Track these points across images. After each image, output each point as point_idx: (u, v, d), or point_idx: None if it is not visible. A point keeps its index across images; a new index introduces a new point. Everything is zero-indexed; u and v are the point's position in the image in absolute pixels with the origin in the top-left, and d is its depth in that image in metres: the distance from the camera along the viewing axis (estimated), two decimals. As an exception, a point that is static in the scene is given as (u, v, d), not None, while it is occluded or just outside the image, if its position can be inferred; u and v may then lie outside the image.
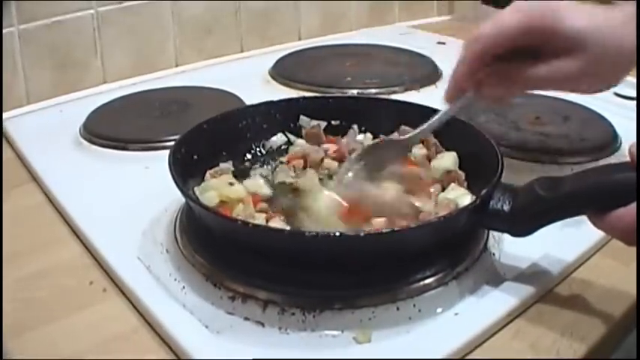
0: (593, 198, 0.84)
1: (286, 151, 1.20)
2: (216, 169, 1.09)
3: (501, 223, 0.91)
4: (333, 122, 1.23)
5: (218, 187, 1.01)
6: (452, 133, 1.12)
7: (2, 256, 0.99)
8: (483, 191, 0.91)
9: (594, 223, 0.85)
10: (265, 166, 1.18)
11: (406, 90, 1.61)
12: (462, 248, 0.96)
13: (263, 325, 0.86)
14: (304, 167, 1.14)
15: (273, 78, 1.73)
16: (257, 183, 1.08)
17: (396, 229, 0.92)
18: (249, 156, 1.19)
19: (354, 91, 1.56)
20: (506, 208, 0.90)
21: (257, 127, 1.20)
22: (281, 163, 1.16)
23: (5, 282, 0.95)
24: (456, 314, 0.87)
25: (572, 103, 1.47)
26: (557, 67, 0.97)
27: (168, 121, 1.44)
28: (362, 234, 0.89)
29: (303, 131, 1.22)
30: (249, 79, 1.70)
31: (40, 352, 0.83)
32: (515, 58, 0.99)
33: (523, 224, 0.90)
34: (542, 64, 0.98)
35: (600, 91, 1.05)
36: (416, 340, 0.83)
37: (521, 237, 0.90)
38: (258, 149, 1.20)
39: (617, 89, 1.52)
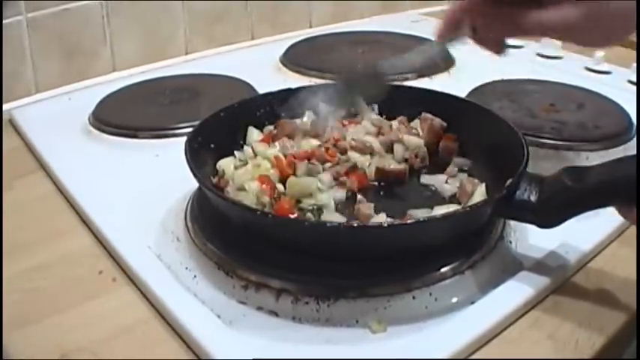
0: (623, 189, 0.82)
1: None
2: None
3: (528, 214, 0.90)
4: (352, 109, 1.22)
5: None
6: (472, 121, 1.12)
7: (2, 249, 0.98)
8: (509, 181, 0.90)
9: (623, 215, 0.84)
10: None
11: (419, 77, 1.59)
12: (478, 237, 0.95)
13: (276, 314, 0.85)
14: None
15: (285, 65, 1.72)
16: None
17: (421, 219, 0.91)
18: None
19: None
20: (533, 198, 0.88)
21: (274, 115, 1.18)
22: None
23: (13, 272, 0.94)
24: (473, 303, 0.86)
25: (586, 91, 1.47)
26: (557, 14, 0.94)
27: (179, 108, 1.43)
28: (386, 225, 0.87)
29: (321, 117, 1.19)
30: (261, 66, 1.69)
31: (48, 343, 0.82)
32: (515, 2, 0.96)
33: (550, 215, 0.88)
34: (543, 10, 0.95)
35: (600, 45, 1.04)
36: (433, 331, 0.82)
37: (548, 228, 0.89)
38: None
39: (632, 77, 1.51)
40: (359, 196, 1.02)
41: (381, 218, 0.95)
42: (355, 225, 0.88)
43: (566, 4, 0.93)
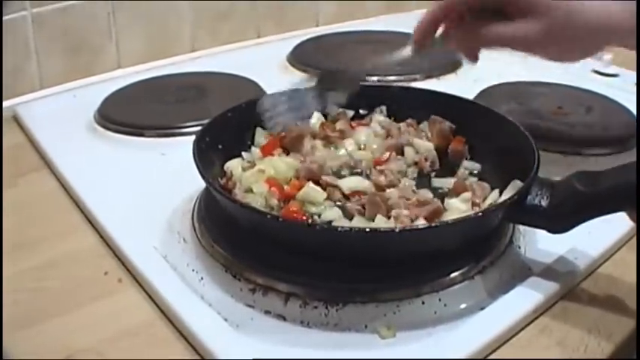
0: (634, 194, 0.81)
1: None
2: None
3: (538, 219, 0.89)
4: (360, 110, 1.22)
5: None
6: (481, 124, 1.11)
7: (2, 248, 0.97)
8: (520, 185, 0.90)
9: (634, 220, 0.83)
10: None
11: (427, 78, 1.59)
12: (487, 242, 0.94)
13: (284, 318, 0.84)
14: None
15: (292, 64, 1.71)
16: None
17: (433, 224, 0.90)
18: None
19: (374, 78, 1.54)
20: (544, 203, 0.88)
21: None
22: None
23: (17, 270, 0.94)
24: (482, 309, 0.86)
25: (594, 94, 1.46)
26: (519, 28, 1.01)
27: (185, 106, 1.42)
28: (398, 230, 0.87)
29: (329, 119, 1.20)
30: (267, 65, 1.68)
31: (53, 343, 0.82)
32: (483, 15, 1.03)
33: (561, 220, 0.88)
34: (507, 24, 1.01)
35: (566, 60, 1.08)
36: (442, 336, 0.81)
37: (558, 233, 0.88)
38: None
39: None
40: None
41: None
42: (367, 230, 0.87)
43: (529, 19, 0.99)
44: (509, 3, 1.01)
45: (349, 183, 1.03)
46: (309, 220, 0.96)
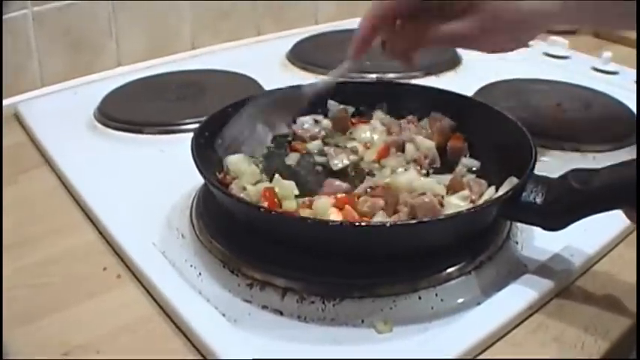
0: (630, 192, 0.81)
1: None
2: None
3: (533, 217, 0.90)
4: (361, 107, 1.22)
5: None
6: (481, 121, 1.11)
7: (2, 245, 0.97)
8: (516, 182, 0.90)
9: (630, 218, 0.83)
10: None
11: (426, 75, 1.59)
12: (484, 238, 0.94)
13: (281, 313, 0.84)
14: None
15: (291, 62, 1.71)
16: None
17: (424, 219, 0.89)
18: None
19: (373, 76, 1.54)
20: (539, 200, 0.88)
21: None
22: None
23: (16, 267, 0.94)
24: (479, 304, 0.86)
25: (593, 91, 1.46)
26: (456, 26, 1.05)
27: (184, 104, 1.42)
28: (389, 224, 0.87)
29: (330, 116, 1.20)
30: (267, 62, 1.68)
31: (51, 339, 0.82)
32: (419, 17, 1.07)
33: (556, 218, 0.87)
34: (443, 23, 1.05)
35: (504, 50, 1.11)
36: (438, 331, 0.82)
37: (554, 231, 0.88)
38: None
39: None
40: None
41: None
42: (357, 224, 0.88)
43: (462, 17, 1.04)
44: (443, 5, 1.06)
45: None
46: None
